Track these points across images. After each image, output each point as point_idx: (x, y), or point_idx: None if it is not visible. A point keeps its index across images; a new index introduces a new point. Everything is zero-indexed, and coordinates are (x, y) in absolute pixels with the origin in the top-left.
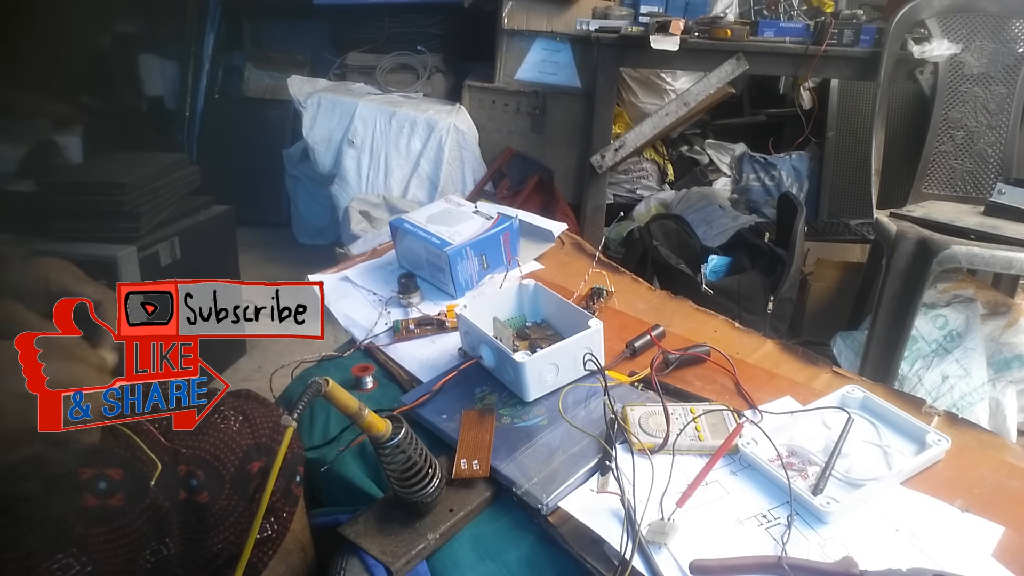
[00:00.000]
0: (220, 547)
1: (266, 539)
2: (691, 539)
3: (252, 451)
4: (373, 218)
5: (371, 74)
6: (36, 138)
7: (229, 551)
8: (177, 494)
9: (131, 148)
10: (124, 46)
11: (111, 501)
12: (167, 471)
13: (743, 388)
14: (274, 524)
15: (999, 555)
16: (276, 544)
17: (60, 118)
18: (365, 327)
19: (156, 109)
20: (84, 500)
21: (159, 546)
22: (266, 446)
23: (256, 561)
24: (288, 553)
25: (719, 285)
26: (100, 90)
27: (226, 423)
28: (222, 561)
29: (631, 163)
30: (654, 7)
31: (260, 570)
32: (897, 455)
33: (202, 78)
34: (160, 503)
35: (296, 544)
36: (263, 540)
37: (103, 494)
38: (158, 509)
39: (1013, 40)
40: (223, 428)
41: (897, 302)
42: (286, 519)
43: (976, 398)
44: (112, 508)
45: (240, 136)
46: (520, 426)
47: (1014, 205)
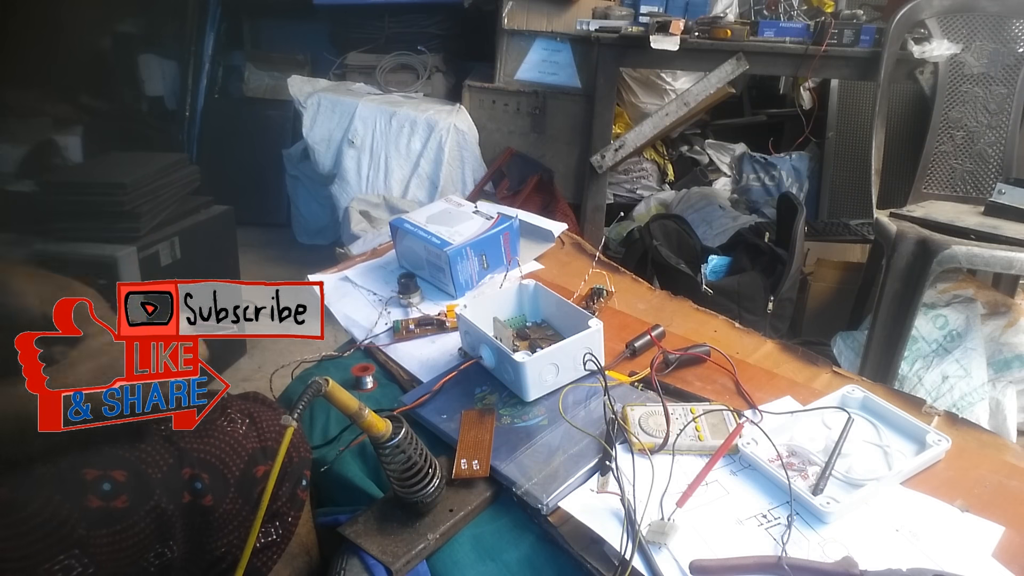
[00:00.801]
0: (224, 550)
1: (271, 544)
2: (691, 539)
3: (258, 455)
4: (373, 218)
5: (371, 74)
6: (36, 138)
7: (233, 555)
8: (181, 497)
9: (131, 148)
10: (124, 46)
11: (115, 503)
12: (172, 473)
13: (743, 388)
14: (279, 529)
15: (999, 555)
16: (281, 548)
17: (60, 118)
18: (365, 327)
19: (156, 109)
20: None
21: (163, 549)
22: (272, 450)
23: (260, 565)
24: (293, 557)
25: (719, 285)
26: (100, 90)
27: (232, 426)
28: (226, 565)
29: (631, 163)
30: (654, 7)
31: (264, 574)
32: (897, 455)
33: (202, 78)
34: (164, 505)
35: (301, 548)
36: (268, 545)
37: (107, 496)
38: (162, 512)
39: (1013, 40)
40: (229, 431)
41: (897, 302)
42: (291, 524)
43: (976, 398)
44: (116, 510)
45: (240, 136)
46: (520, 426)
47: (1014, 205)
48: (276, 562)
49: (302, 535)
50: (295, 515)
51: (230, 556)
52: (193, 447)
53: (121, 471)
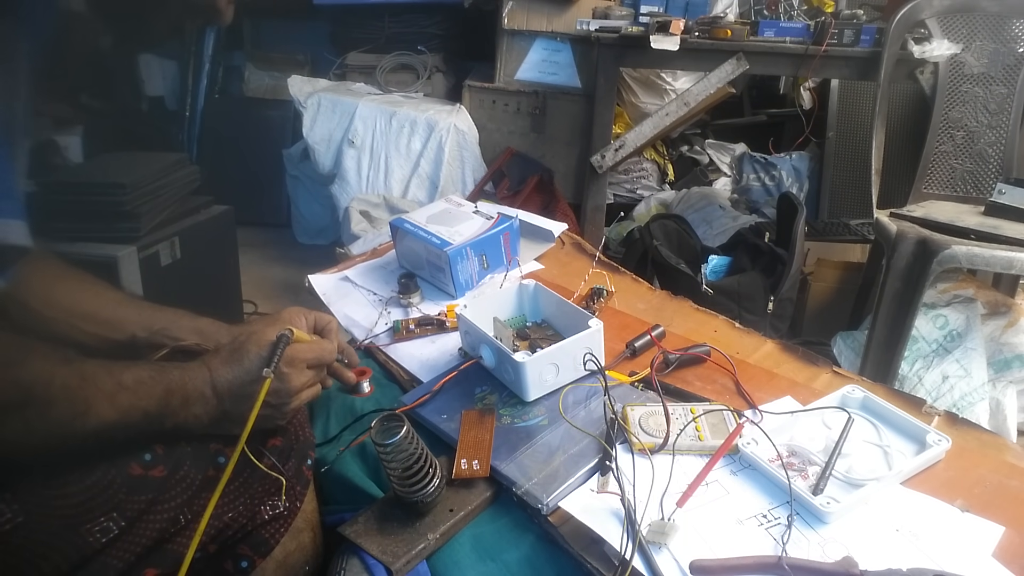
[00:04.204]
0: (231, 516)
1: (278, 516)
2: (691, 539)
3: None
4: (373, 218)
5: (371, 74)
6: (36, 138)
7: (239, 523)
8: (207, 470)
9: (131, 148)
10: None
11: (153, 472)
12: (201, 447)
13: (743, 388)
14: (286, 502)
15: (999, 555)
16: (288, 521)
17: (60, 118)
18: (365, 327)
19: (156, 109)
20: (130, 469)
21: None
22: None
23: (268, 537)
24: (299, 532)
25: (719, 285)
26: (100, 90)
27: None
28: (232, 532)
29: (631, 163)
30: (654, 7)
31: (273, 545)
32: (897, 455)
33: (202, 78)
34: (192, 477)
35: (307, 524)
36: (276, 517)
37: (147, 465)
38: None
39: (1013, 40)
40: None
41: (897, 302)
42: (298, 496)
43: (976, 398)
44: (153, 479)
45: (240, 136)
46: (520, 426)
47: (1014, 205)
48: (284, 534)
49: (308, 512)
50: (301, 491)
51: (236, 524)
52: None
53: (161, 443)
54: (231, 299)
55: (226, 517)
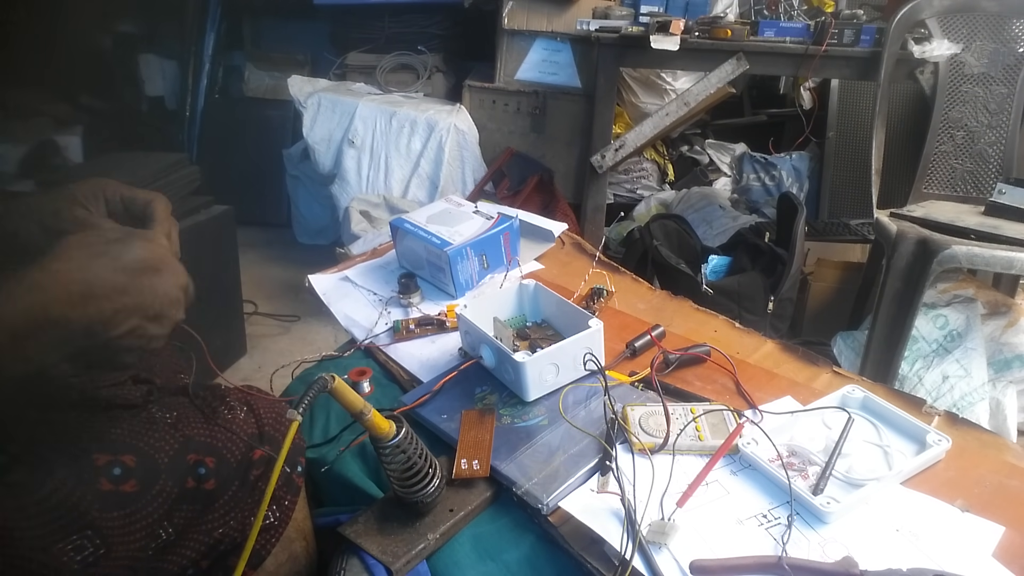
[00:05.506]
0: (222, 532)
1: (269, 527)
2: (691, 539)
3: (255, 439)
4: (373, 218)
5: (371, 74)
6: (36, 138)
7: (231, 537)
8: (185, 482)
9: (131, 148)
10: (124, 46)
11: (124, 487)
12: (177, 459)
13: (743, 388)
14: (276, 512)
15: (999, 555)
16: (279, 532)
17: (60, 118)
18: (365, 327)
19: (156, 109)
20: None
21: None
22: (269, 435)
23: (260, 548)
24: (291, 541)
25: (719, 285)
26: (100, 90)
27: (232, 413)
28: (224, 547)
29: (631, 163)
30: (654, 7)
31: (264, 557)
32: (897, 455)
33: (202, 78)
34: (169, 490)
35: (298, 533)
36: (266, 528)
37: (117, 480)
38: (168, 496)
39: (1013, 40)
40: (230, 418)
41: (897, 302)
42: (288, 507)
43: (976, 398)
44: (125, 494)
45: (240, 136)
46: (520, 426)
47: (1014, 205)
48: (275, 545)
49: (299, 520)
50: (291, 499)
51: (228, 539)
52: (197, 433)
53: (130, 456)
54: (231, 299)
55: (216, 533)
